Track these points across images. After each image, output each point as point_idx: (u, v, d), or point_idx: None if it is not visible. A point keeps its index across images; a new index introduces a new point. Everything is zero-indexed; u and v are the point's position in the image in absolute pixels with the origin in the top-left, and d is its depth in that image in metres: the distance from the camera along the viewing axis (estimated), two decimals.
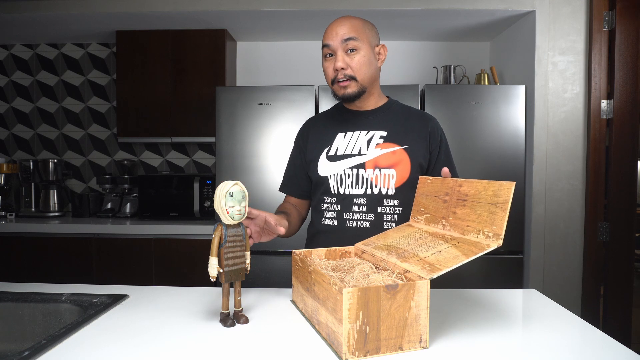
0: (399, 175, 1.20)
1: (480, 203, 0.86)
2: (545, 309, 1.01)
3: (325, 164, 1.25)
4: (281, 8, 2.43)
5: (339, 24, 1.18)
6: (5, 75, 3.10)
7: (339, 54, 1.17)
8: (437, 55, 3.00)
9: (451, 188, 0.97)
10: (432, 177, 1.06)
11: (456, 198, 0.94)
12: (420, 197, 1.08)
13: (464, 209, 0.90)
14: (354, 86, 1.19)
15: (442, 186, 1.00)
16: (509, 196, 0.80)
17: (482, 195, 0.87)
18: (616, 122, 2.25)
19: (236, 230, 0.88)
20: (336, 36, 1.17)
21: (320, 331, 0.84)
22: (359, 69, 1.17)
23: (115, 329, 0.87)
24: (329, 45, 1.18)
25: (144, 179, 2.67)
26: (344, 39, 1.16)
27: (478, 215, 0.85)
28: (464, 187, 0.92)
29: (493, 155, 2.31)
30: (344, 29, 1.17)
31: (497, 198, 0.82)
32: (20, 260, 2.47)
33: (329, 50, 1.19)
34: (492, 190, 0.84)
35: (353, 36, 1.16)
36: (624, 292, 2.28)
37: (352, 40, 1.16)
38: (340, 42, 1.16)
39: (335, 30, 1.17)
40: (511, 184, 0.81)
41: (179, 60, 2.71)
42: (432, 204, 1.02)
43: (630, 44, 2.22)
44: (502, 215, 0.80)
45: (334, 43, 1.17)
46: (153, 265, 2.44)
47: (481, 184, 0.88)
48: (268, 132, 2.34)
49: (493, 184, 0.85)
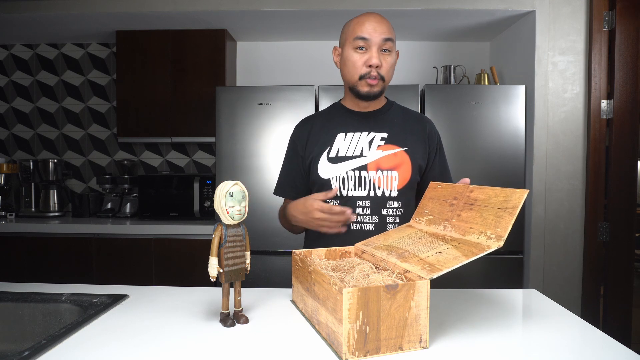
0: (401, 177, 1.20)
1: (489, 207, 0.86)
2: (545, 309, 1.01)
3: (326, 166, 1.23)
4: (281, 8, 2.43)
5: (378, 21, 1.16)
6: (5, 75, 3.10)
7: (375, 50, 1.15)
8: (437, 55, 3.00)
9: (461, 193, 0.96)
10: (443, 183, 1.06)
11: (464, 202, 0.93)
12: (426, 200, 1.07)
13: (470, 212, 0.90)
14: (380, 86, 1.18)
15: (452, 191, 0.99)
16: (519, 202, 0.80)
17: (492, 200, 0.86)
18: (616, 122, 2.25)
19: (236, 230, 0.87)
20: (375, 32, 1.14)
21: (320, 331, 0.84)
22: (388, 70, 1.18)
23: (115, 329, 0.87)
24: (366, 39, 1.15)
25: (144, 179, 2.67)
26: (384, 37, 1.15)
27: (483, 218, 0.85)
28: (475, 192, 0.92)
29: (493, 155, 2.31)
30: (384, 27, 1.15)
31: (506, 203, 0.82)
32: (20, 260, 2.47)
33: (363, 44, 1.15)
34: (503, 196, 0.84)
35: (391, 37, 1.16)
36: (624, 292, 2.28)
37: (390, 42, 1.16)
38: (381, 40, 1.15)
39: (373, 26, 1.15)
40: (524, 191, 0.80)
41: (179, 60, 2.71)
42: (437, 207, 1.01)
43: (630, 44, 2.22)
44: (509, 219, 0.79)
45: (374, 38, 1.14)
46: (153, 265, 2.44)
47: (493, 190, 0.87)
48: (268, 132, 2.34)
49: (505, 191, 0.84)
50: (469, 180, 1.02)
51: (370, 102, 1.24)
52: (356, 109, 1.27)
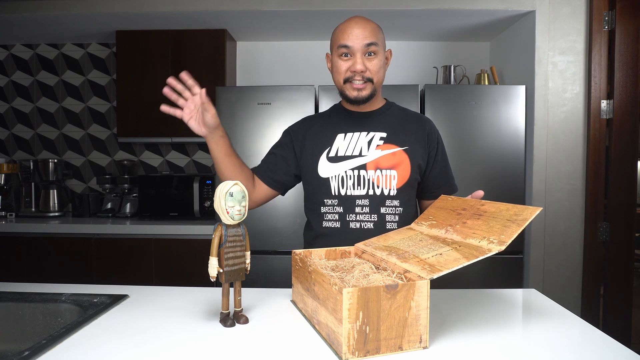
0: (400, 176, 1.21)
1: (497, 218, 0.86)
2: (545, 309, 1.01)
3: (325, 165, 1.24)
4: (281, 8, 2.43)
5: (360, 26, 1.17)
6: (5, 75, 3.10)
7: (359, 56, 1.16)
8: (437, 55, 3.00)
9: (471, 206, 0.96)
10: (453, 196, 1.06)
11: (472, 212, 0.93)
12: (434, 209, 1.07)
13: (477, 221, 0.90)
14: (369, 89, 1.19)
15: (462, 203, 0.99)
16: (530, 217, 0.80)
17: (502, 213, 0.86)
18: (616, 122, 2.25)
19: (236, 230, 0.87)
20: (357, 39, 1.16)
21: (320, 331, 0.84)
22: (376, 72, 1.18)
23: (115, 329, 0.87)
24: (349, 47, 1.17)
25: (144, 179, 2.67)
26: (366, 43, 1.16)
27: (489, 227, 0.85)
28: (486, 206, 0.92)
29: (493, 155, 2.31)
30: (366, 32, 1.16)
31: (516, 216, 0.82)
32: (20, 260, 2.47)
33: (347, 51, 1.17)
34: (514, 210, 0.84)
35: (374, 41, 1.16)
36: (623, 292, 2.28)
37: (373, 45, 1.16)
38: (363, 46, 1.16)
39: (355, 33, 1.16)
40: (537, 208, 0.81)
41: (179, 60, 2.71)
42: (443, 214, 1.01)
43: (630, 44, 2.22)
44: (516, 228, 0.79)
45: (355, 45, 1.16)
46: (153, 265, 2.44)
47: (505, 205, 0.88)
48: (268, 132, 2.34)
49: (518, 207, 0.85)
50: (483, 193, 1.02)
51: (367, 104, 1.25)
52: (356, 110, 1.28)
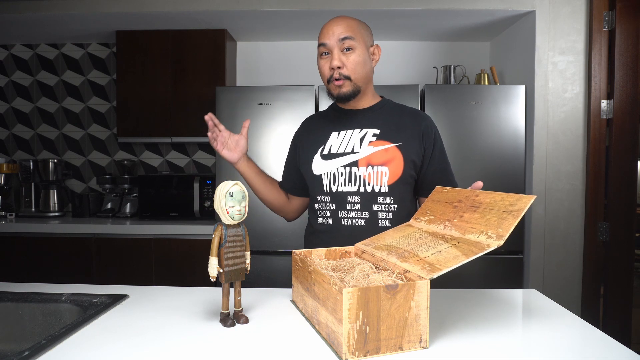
0: (391, 172, 1.20)
1: (493, 210, 0.86)
2: (545, 309, 1.01)
3: (319, 163, 1.26)
4: (281, 8, 2.43)
5: (335, 23, 1.19)
6: (5, 75, 3.10)
7: (335, 52, 1.18)
8: (437, 55, 3.00)
9: (466, 197, 0.96)
10: (449, 187, 1.06)
11: (468, 205, 0.93)
12: (430, 202, 1.07)
13: (473, 214, 0.89)
14: (348, 85, 1.20)
15: (458, 195, 0.99)
16: (525, 206, 0.80)
17: (497, 204, 0.86)
18: (616, 122, 2.25)
19: (236, 230, 0.88)
20: (332, 35, 1.17)
21: (320, 331, 0.84)
22: (354, 68, 1.18)
23: (115, 329, 0.87)
24: (325, 44, 1.19)
25: (144, 179, 2.67)
26: (340, 38, 1.17)
27: (486, 220, 0.85)
28: (481, 196, 0.92)
29: (493, 155, 2.31)
30: (341, 29, 1.17)
31: (512, 207, 0.82)
32: (20, 260, 2.47)
33: (325, 49, 1.20)
34: (509, 200, 0.84)
35: (349, 35, 1.17)
36: (623, 292, 2.28)
37: (349, 40, 1.17)
38: (337, 42, 1.17)
39: (331, 30, 1.18)
40: (531, 197, 0.81)
41: (179, 60, 2.71)
42: (440, 208, 1.01)
43: (630, 44, 2.22)
44: (512, 220, 0.79)
45: (331, 42, 1.18)
46: (153, 265, 2.44)
47: (499, 195, 0.88)
48: (268, 132, 2.34)
49: (512, 196, 0.84)
50: (482, 184, 1.01)
51: (357, 101, 1.26)
52: (349, 108, 1.28)
